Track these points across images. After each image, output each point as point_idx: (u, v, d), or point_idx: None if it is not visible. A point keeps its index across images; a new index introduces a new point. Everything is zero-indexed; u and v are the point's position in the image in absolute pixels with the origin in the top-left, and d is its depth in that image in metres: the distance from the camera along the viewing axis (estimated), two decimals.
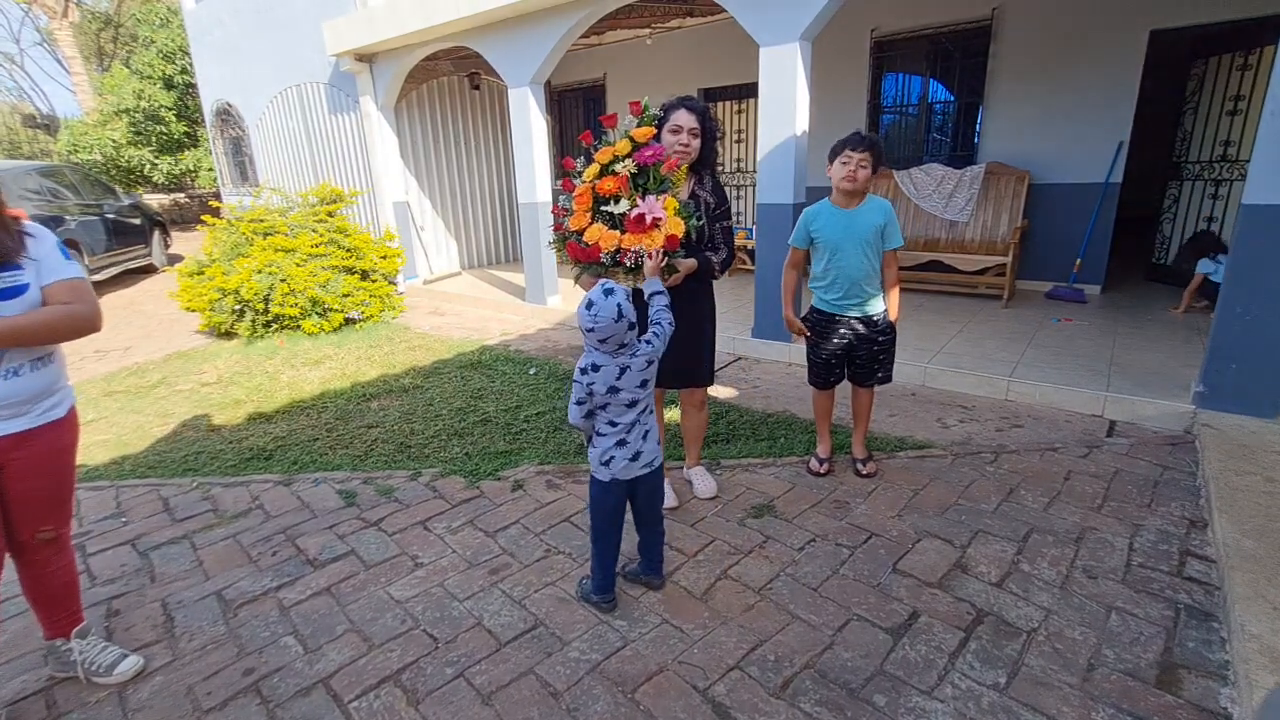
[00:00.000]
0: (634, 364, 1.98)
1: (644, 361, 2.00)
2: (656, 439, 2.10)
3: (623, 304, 1.90)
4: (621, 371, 1.96)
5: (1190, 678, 1.78)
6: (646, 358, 2.00)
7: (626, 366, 1.97)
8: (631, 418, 2.01)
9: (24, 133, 20.59)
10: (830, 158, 2.68)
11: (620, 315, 1.89)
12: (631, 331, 1.95)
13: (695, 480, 2.87)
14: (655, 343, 2.03)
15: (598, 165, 2.23)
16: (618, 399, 1.98)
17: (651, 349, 2.02)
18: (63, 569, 1.93)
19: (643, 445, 2.04)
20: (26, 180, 7.62)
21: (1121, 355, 4.10)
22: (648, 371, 2.02)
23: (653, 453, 2.07)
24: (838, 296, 2.75)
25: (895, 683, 1.80)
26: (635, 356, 1.98)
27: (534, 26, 5.55)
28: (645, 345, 2.01)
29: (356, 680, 1.89)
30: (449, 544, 2.57)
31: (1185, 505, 2.61)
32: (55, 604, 1.94)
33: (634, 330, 1.96)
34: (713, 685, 1.82)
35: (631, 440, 2.02)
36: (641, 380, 2.00)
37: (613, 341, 1.93)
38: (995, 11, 5.73)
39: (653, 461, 2.08)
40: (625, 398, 1.98)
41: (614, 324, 1.89)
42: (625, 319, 1.90)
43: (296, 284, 5.74)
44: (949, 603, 2.11)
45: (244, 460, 3.45)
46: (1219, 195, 5.30)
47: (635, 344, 1.99)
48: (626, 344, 1.97)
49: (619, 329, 1.91)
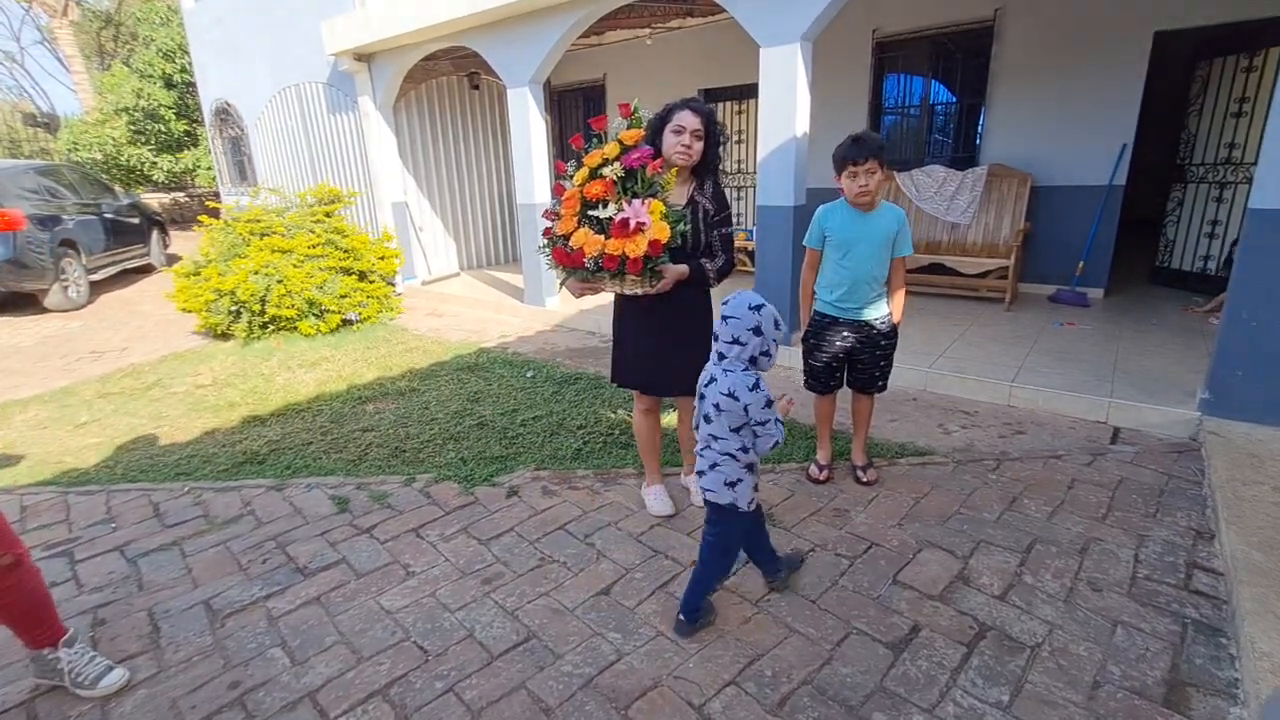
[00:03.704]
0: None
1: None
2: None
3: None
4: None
5: (1199, 696, 1.73)
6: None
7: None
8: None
9: (24, 131, 20.56)
10: (837, 170, 2.57)
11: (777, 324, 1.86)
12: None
13: (693, 487, 2.83)
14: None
15: (587, 169, 2.19)
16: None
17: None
18: (33, 589, 1.88)
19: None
20: (24, 179, 7.58)
21: (1125, 360, 4.05)
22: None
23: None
24: (843, 297, 2.71)
25: (895, 700, 1.76)
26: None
27: (533, 26, 5.51)
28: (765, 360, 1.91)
29: (344, 695, 1.85)
30: (441, 552, 2.53)
31: (1191, 515, 2.56)
32: (33, 622, 1.89)
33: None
34: (708, 702, 1.78)
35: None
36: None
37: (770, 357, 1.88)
38: (998, 12, 5.68)
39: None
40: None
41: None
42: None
43: (293, 285, 5.70)
44: (951, 616, 2.06)
45: (237, 464, 3.41)
46: (1223, 198, 5.25)
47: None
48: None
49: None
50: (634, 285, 2.27)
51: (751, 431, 1.89)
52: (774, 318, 1.85)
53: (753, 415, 1.84)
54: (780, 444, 1.89)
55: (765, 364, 1.87)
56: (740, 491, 1.93)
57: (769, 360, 1.87)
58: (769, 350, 1.85)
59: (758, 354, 1.84)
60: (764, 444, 1.89)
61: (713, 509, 2.02)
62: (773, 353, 1.86)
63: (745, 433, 1.89)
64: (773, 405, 1.86)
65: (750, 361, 1.85)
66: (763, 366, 1.87)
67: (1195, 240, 5.55)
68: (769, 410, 1.84)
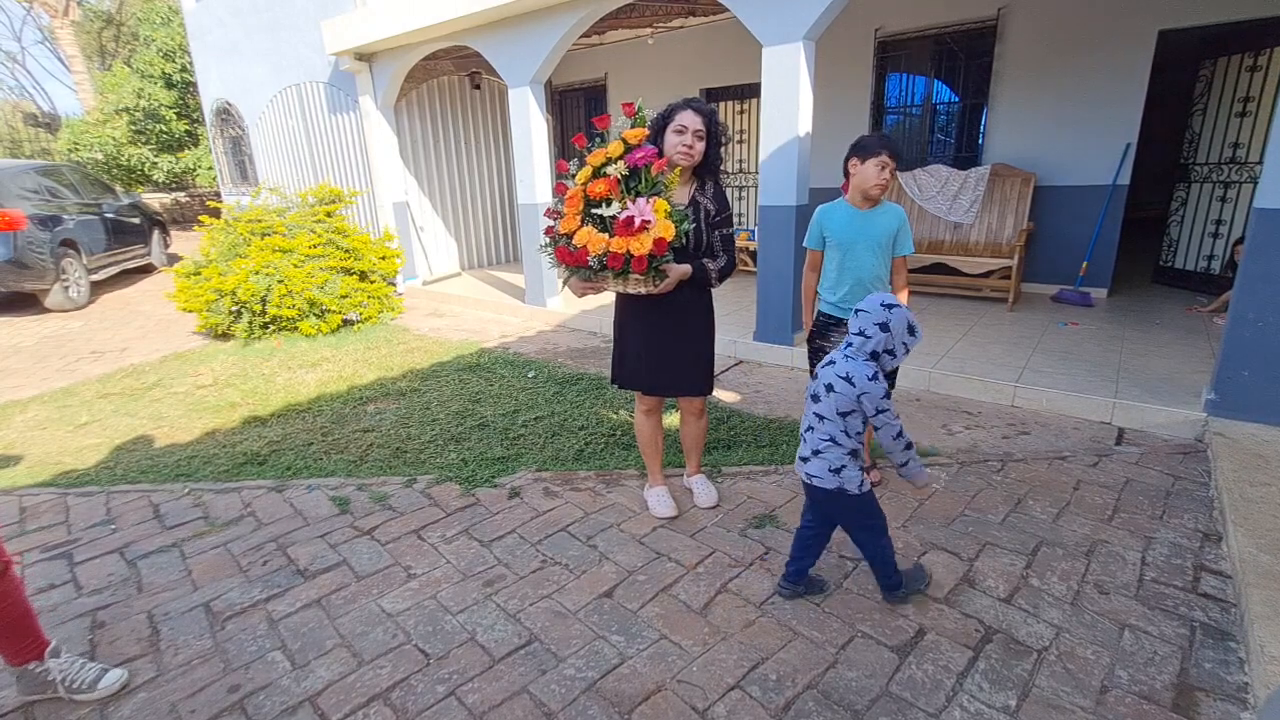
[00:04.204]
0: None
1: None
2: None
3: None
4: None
5: (1207, 701, 1.72)
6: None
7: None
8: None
9: (25, 131, 20.58)
10: (862, 156, 2.50)
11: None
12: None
13: (696, 489, 2.81)
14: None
15: (590, 168, 2.18)
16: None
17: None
18: (17, 599, 1.84)
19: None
20: (24, 179, 7.56)
21: (1129, 360, 4.03)
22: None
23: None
24: (846, 298, 2.68)
25: (901, 704, 1.74)
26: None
27: (534, 25, 5.50)
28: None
29: (345, 699, 1.83)
30: (443, 554, 2.51)
31: (1198, 517, 2.54)
32: (18, 634, 1.85)
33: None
34: (712, 706, 1.76)
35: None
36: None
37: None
38: (1001, 11, 5.67)
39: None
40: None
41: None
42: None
43: (294, 285, 5.69)
44: (956, 619, 2.04)
45: (237, 465, 3.40)
46: (1227, 198, 5.23)
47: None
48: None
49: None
50: (638, 284, 2.25)
51: (861, 418, 1.93)
52: (906, 321, 1.89)
53: (866, 405, 1.90)
54: (902, 437, 1.92)
55: (887, 362, 1.92)
56: (846, 477, 1.96)
57: (892, 360, 1.92)
58: (893, 349, 1.90)
59: (880, 350, 1.89)
60: (886, 434, 1.92)
61: (817, 495, 2.05)
62: (898, 354, 1.91)
63: (853, 419, 1.93)
64: (890, 398, 1.91)
65: (872, 355, 1.90)
66: (884, 365, 1.92)
67: (1199, 240, 5.53)
68: (887, 401, 1.90)
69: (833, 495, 1.99)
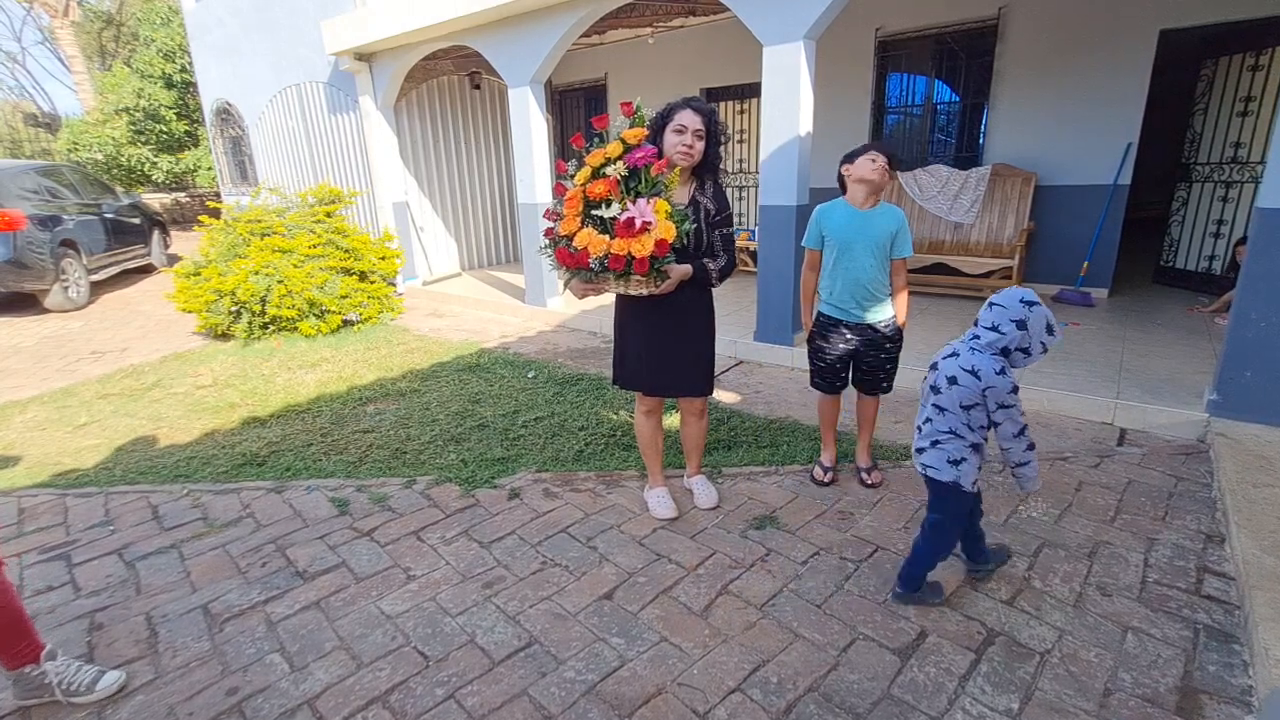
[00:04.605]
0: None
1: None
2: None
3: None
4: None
5: (1212, 704, 1.70)
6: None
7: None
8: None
9: (25, 131, 20.57)
10: (851, 159, 2.62)
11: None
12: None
13: (696, 490, 2.80)
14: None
15: (589, 168, 2.16)
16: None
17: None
18: (8, 601, 1.83)
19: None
20: (24, 179, 7.56)
21: (1131, 360, 4.02)
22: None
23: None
24: (843, 299, 2.68)
25: (903, 708, 1.73)
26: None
27: (534, 25, 5.49)
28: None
29: (343, 702, 1.82)
30: (442, 555, 2.50)
31: (1201, 518, 2.53)
32: (13, 637, 1.84)
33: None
34: (713, 709, 1.75)
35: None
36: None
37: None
38: (1002, 11, 5.66)
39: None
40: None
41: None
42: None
43: (294, 285, 5.68)
44: (958, 621, 2.03)
45: (236, 466, 3.39)
46: (1229, 198, 5.22)
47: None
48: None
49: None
50: (639, 285, 2.24)
51: (985, 413, 1.88)
52: (1046, 320, 1.81)
53: (992, 399, 1.85)
54: (1024, 437, 1.88)
55: (1020, 361, 1.86)
56: (964, 470, 1.92)
57: (1025, 359, 1.85)
58: (1028, 348, 1.83)
59: (1013, 347, 1.83)
60: (1007, 429, 1.89)
61: (932, 487, 2.02)
62: (1034, 353, 1.84)
63: (976, 412, 1.88)
64: (1018, 393, 1.86)
65: (1002, 351, 1.85)
66: (1016, 363, 1.86)
67: (1200, 240, 5.52)
68: (1014, 396, 1.84)
69: (947, 488, 1.96)
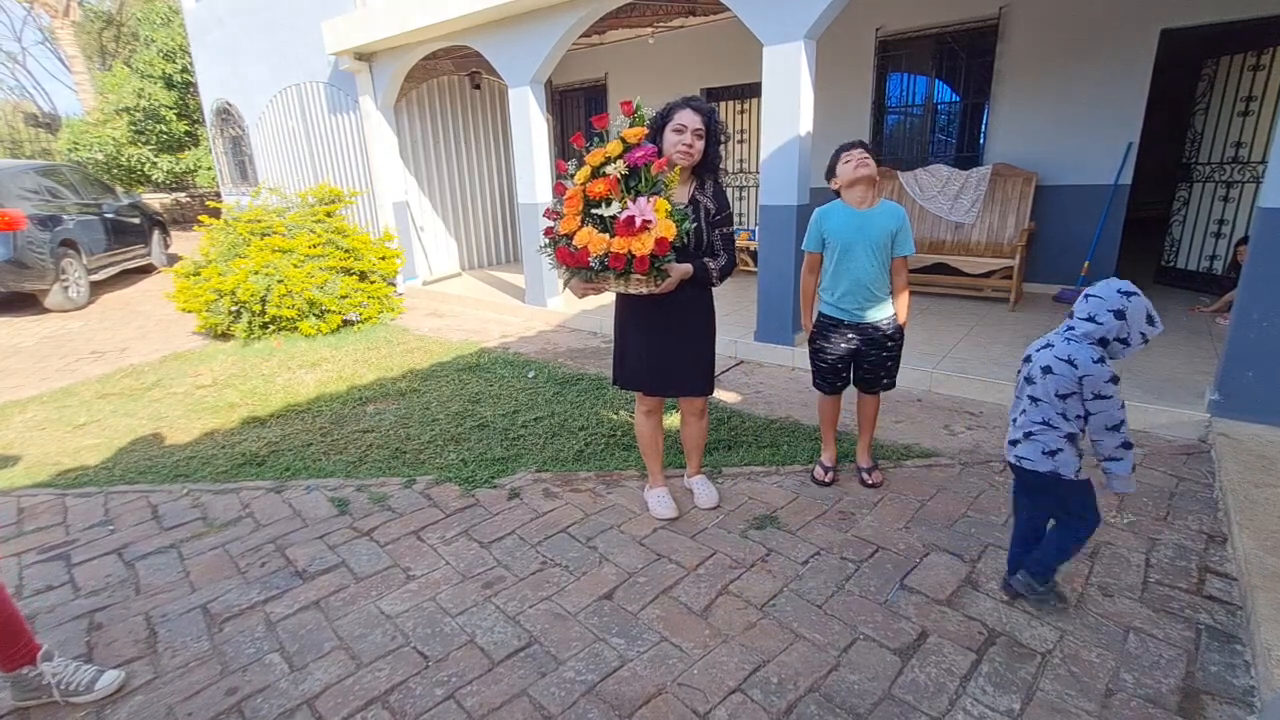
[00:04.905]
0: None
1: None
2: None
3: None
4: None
5: (1214, 704, 1.70)
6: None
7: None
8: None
9: (26, 131, 20.57)
10: (831, 172, 2.66)
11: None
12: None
13: (696, 489, 2.80)
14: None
15: (589, 168, 2.16)
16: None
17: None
18: (2, 602, 1.82)
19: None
20: (24, 179, 7.55)
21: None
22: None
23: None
24: (844, 300, 2.67)
25: (904, 708, 1.72)
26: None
27: (534, 25, 5.48)
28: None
29: (342, 702, 1.82)
30: (442, 555, 2.50)
31: (1203, 519, 2.52)
32: (8, 638, 1.83)
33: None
34: (713, 709, 1.74)
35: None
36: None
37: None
38: (1002, 10, 5.65)
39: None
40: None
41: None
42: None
43: (294, 285, 5.67)
44: (959, 621, 2.03)
45: (236, 466, 3.39)
46: (1230, 198, 5.21)
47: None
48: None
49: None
50: (639, 285, 2.23)
51: (1081, 402, 1.86)
52: (1145, 310, 1.78)
53: (1088, 388, 1.82)
54: (1119, 431, 1.84)
55: (1119, 351, 1.82)
56: (1061, 461, 1.90)
57: (1124, 349, 1.82)
58: (1127, 338, 1.80)
59: (1111, 338, 1.81)
60: (1101, 421, 1.85)
61: (1029, 479, 1.99)
62: (1133, 343, 1.81)
63: (1073, 401, 1.86)
64: (1118, 384, 1.83)
65: (1100, 342, 1.82)
66: (1115, 354, 1.83)
67: (1201, 240, 5.51)
68: (1113, 387, 1.81)
69: (1046, 480, 1.94)
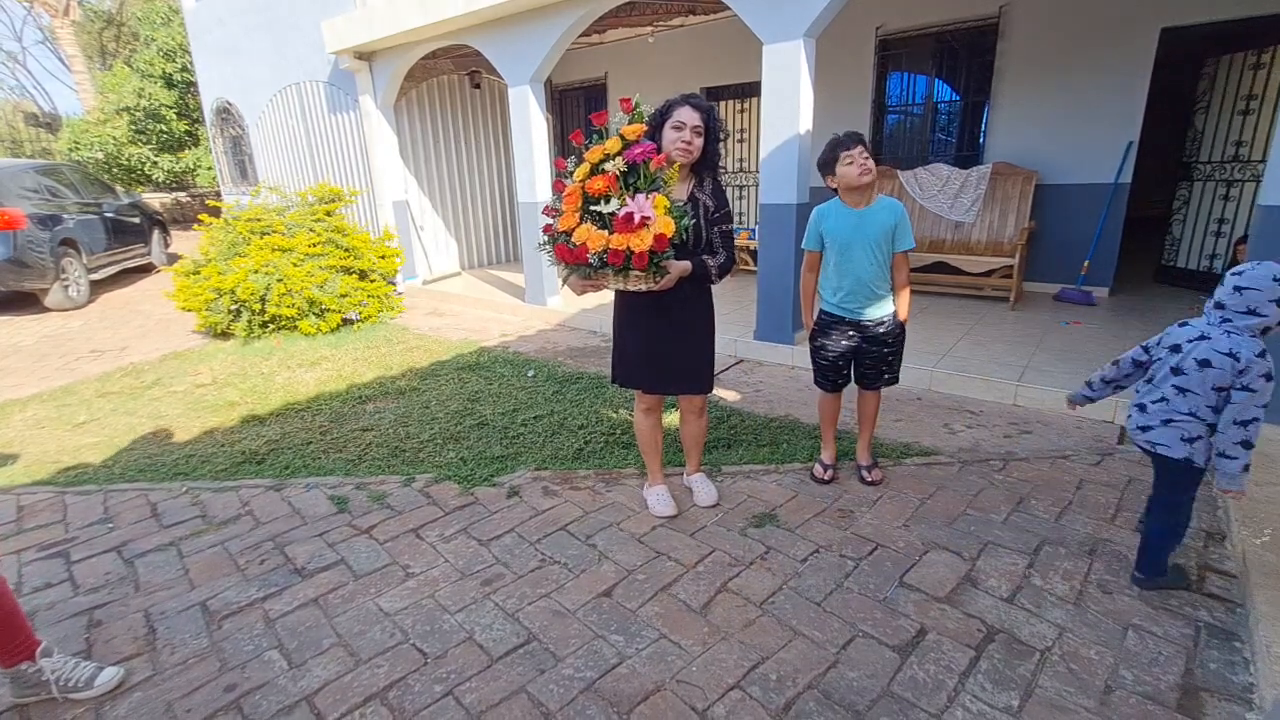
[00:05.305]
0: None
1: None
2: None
3: None
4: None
5: (1213, 701, 1.70)
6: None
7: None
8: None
9: (26, 131, 20.59)
10: (827, 168, 2.59)
11: None
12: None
13: (695, 488, 2.80)
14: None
15: (588, 164, 2.16)
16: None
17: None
18: (2, 596, 1.82)
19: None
20: (24, 178, 7.55)
21: None
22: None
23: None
24: (845, 297, 2.67)
25: (903, 705, 1.72)
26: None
27: (534, 24, 5.48)
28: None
29: (341, 698, 1.82)
30: (441, 553, 2.50)
31: (1202, 516, 2.52)
32: (7, 634, 1.83)
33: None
34: (712, 706, 1.74)
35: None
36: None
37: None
38: (1003, 9, 5.65)
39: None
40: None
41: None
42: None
43: (293, 284, 5.68)
44: (958, 619, 2.03)
45: (235, 464, 3.39)
46: (1230, 196, 5.21)
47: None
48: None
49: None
50: (638, 281, 2.23)
51: (1228, 395, 1.83)
52: None
53: (1244, 380, 1.78)
54: (1251, 427, 1.82)
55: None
56: (1198, 448, 1.91)
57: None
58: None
59: (1274, 325, 1.77)
60: (1234, 413, 1.82)
61: (1160, 464, 2.01)
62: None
63: (1224, 395, 1.84)
64: (1271, 381, 1.79)
65: (1263, 333, 1.79)
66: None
67: (1202, 239, 5.51)
68: (1263, 382, 1.78)
69: (1179, 465, 1.94)
